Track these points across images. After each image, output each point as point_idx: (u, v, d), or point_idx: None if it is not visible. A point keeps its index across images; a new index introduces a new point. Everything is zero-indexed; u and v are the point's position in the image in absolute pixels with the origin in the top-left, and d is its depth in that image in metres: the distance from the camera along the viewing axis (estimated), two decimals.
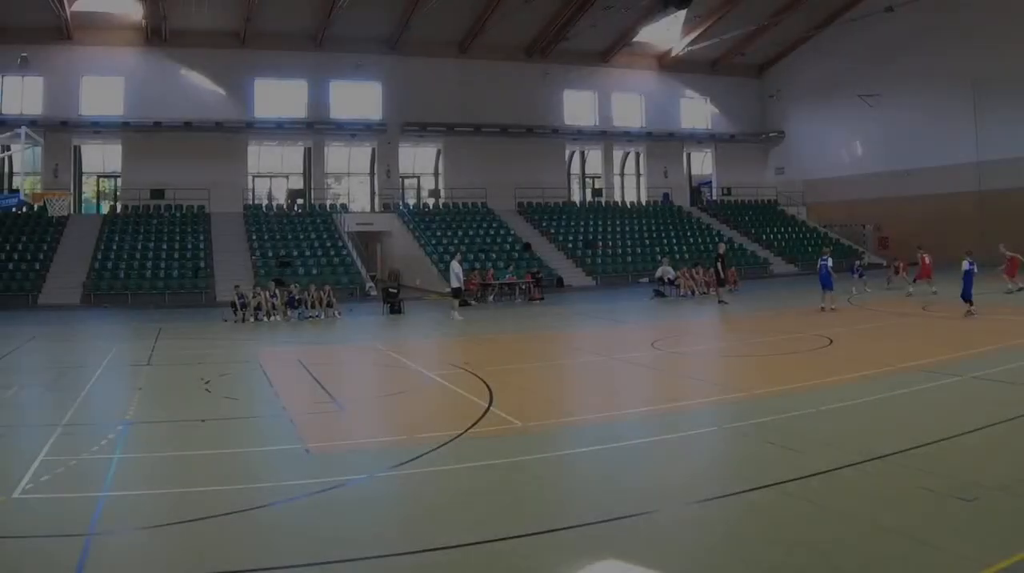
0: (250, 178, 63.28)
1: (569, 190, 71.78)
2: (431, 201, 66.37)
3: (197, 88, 59.81)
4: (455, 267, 36.65)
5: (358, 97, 64.36)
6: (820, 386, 17.23)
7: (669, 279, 44.47)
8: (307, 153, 64.27)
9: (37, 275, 47.19)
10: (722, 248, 40.50)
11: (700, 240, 62.78)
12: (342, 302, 39.82)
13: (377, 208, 64.62)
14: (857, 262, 40.85)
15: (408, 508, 10.65)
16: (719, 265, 38.92)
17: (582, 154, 73.84)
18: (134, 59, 58.73)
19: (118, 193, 60.29)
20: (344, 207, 62.95)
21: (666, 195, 72.17)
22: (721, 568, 8.25)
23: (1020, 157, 55.21)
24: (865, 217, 68.16)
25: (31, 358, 26.16)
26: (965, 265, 27.68)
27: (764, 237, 65.62)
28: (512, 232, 59.92)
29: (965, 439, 12.64)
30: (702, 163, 78.36)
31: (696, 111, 75.38)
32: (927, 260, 37.46)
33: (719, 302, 38.09)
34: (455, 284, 36.43)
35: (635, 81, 72.43)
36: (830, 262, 32.43)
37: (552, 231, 61.73)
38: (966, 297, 27.22)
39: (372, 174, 66.48)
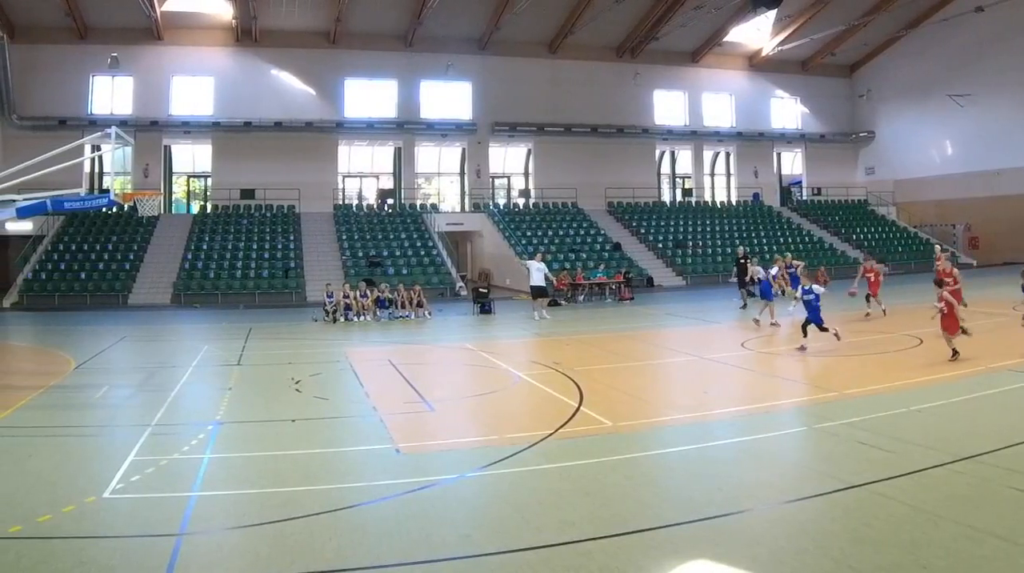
0: (340, 178, 63.64)
1: (659, 190, 71.19)
2: (521, 201, 66.43)
3: (287, 88, 60.28)
4: (533, 265, 36.39)
5: (448, 97, 64.37)
6: (910, 386, 17.20)
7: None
8: (397, 153, 64.35)
9: (127, 275, 47.79)
10: (741, 251, 39.63)
11: (791, 240, 62.22)
12: (432, 302, 39.76)
13: (467, 208, 64.57)
14: (766, 270, 36.43)
15: (498, 508, 10.62)
16: (741, 268, 38.28)
17: (672, 154, 73.12)
18: (224, 59, 59.36)
19: (208, 193, 60.91)
20: (434, 207, 63.03)
21: (756, 195, 71.57)
22: (811, 568, 8.23)
23: None
24: (955, 217, 67.24)
25: (121, 358, 26.26)
26: (816, 289, 25.75)
27: (854, 237, 64.98)
28: (602, 232, 59.50)
29: None
30: (792, 163, 77.47)
31: (786, 111, 74.67)
32: (870, 271, 33.07)
33: (742, 307, 37.40)
34: (537, 283, 36.11)
35: (725, 81, 71.84)
36: (774, 271, 31.09)
37: (642, 231, 61.29)
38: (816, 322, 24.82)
39: (462, 174, 66.52)
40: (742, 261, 38.42)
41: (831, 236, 64.89)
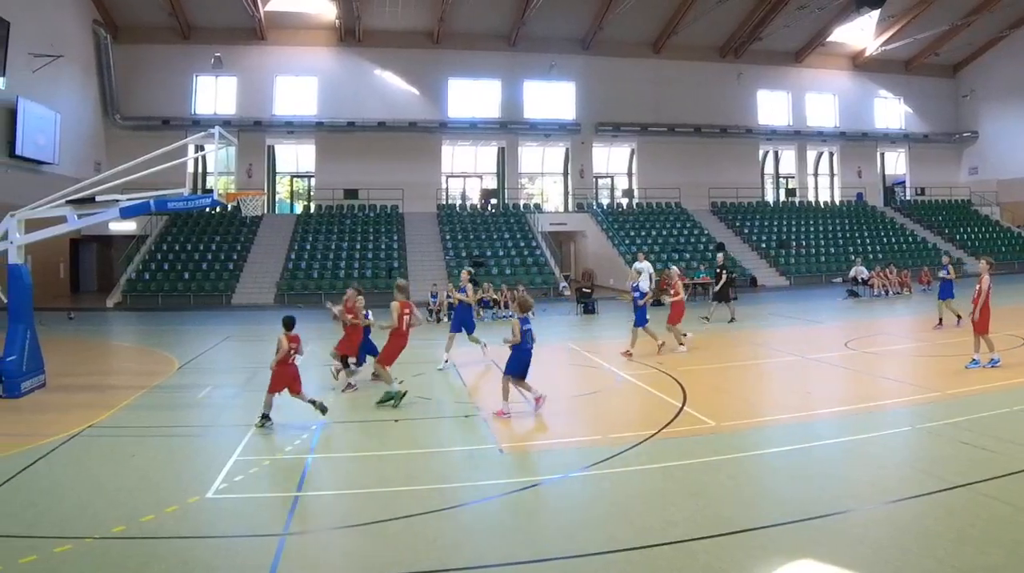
0: (444, 178, 63.89)
1: (763, 190, 70.59)
2: (625, 201, 66.28)
3: (390, 88, 60.71)
4: (639, 266, 35.89)
5: (552, 97, 64.40)
6: (1014, 386, 17.24)
7: (863, 279, 43.76)
8: (501, 153, 64.49)
9: (231, 275, 48.56)
10: (720, 258, 37.67)
11: (894, 240, 61.77)
12: (535, 302, 39.52)
13: (571, 208, 64.57)
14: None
15: (601, 508, 10.73)
16: (720, 275, 35.44)
17: (776, 154, 72.46)
18: (327, 59, 60.02)
19: (311, 193, 61.51)
20: (538, 207, 63.16)
21: (860, 195, 70.94)
22: (914, 568, 8.35)
23: None
24: None
25: (225, 358, 26.67)
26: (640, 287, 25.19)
27: (957, 237, 64.14)
28: (706, 232, 59.08)
29: None
30: (896, 163, 76.53)
31: (889, 111, 73.81)
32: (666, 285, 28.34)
33: (704, 318, 33.84)
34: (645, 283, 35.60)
35: (828, 81, 71.13)
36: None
37: (746, 231, 60.82)
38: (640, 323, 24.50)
39: (566, 174, 66.53)
40: (719, 269, 36.28)
41: (934, 236, 64.06)
